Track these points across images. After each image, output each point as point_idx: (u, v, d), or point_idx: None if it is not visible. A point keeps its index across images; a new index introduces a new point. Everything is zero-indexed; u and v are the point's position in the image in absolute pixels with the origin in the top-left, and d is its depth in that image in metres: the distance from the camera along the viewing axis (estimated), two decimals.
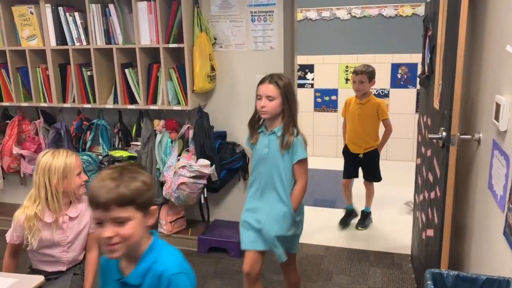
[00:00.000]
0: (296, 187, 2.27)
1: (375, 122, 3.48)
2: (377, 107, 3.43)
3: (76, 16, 3.19)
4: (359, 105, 3.47)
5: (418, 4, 5.03)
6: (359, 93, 3.46)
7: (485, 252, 1.80)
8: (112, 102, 3.32)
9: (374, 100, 3.47)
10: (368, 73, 3.40)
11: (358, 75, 3.41)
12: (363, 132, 3.47)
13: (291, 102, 2.21)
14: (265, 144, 2.25)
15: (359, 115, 3.45)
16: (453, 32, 1.90)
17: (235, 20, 3.14)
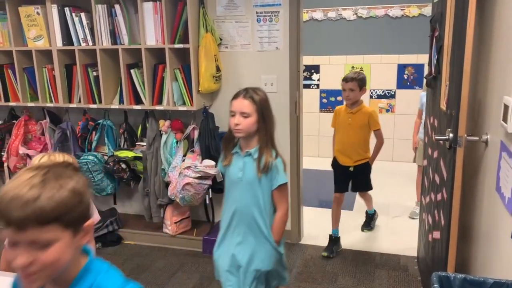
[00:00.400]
0: (277, 216, 2.05)
1: (366, 133, 3.24)
2: (368, 117, 3.18)
3: (82, 17, 3.20)
4: (349, 114, 3.22)
5: (425, 5, 5.00)
6: (349, 101, 3.20)
7: (492, 255, 1.77)
8: (117, 103, 3.32)
9: (366, 109, 3.23)
10: (359, 80, 3.15)
11: (348, 83, 3.15)
12: (354, 143, 3.24)
13: (268, 119, 2.00)
14: (239, 167, 2.02)
15: (350, 125, 3.21)
16: (460, 32, 1.88)
17: (240, 20, 3.13)
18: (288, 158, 3.26)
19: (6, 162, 3.59)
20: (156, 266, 3.13)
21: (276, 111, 3.16)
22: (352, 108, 3.21)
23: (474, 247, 2.09)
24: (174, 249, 3.34)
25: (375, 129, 3.23)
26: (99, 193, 3.43)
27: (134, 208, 3.75)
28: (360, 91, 3.17)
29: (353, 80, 3.14)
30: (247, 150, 2.02)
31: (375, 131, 3.26)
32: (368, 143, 3.29)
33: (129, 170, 3.34)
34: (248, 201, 2.01)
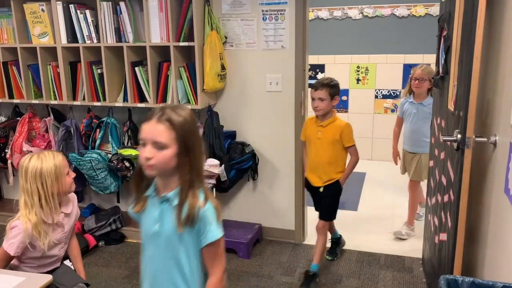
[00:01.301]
0: (209, 284, 1.48)
1: (339, 150, 2.79)
2: (341, 132, 2.74)
3: (87, 14, 3.19)
4: (319, 127, 2.79)
5: (431, 4, 4.96)
6: (319, 112, 2.76)
7: (500, 258, 1.75)
8: (122, 100, 3.31)
9: (339, 122, 2.78)
10: (330, 88, 2.72)
11: (316, 91, 2.72)
12: (324, 162, 2.80)
13: (193, 150, 1.43)
14: (154, 218, 1.48)
15: (320, 140, 2.78)
16: (469, 32, 1.85)
17: (246, 18, 3.11)
18: (293, 158, 3.24)
19: (10, 159, 3.58)
20: None
21: (281, 111, 3.20)
22: (323, 121, 2.78)
23: (481, 249, 2.06)
24: None
25: (348, 145, 2.78)
26: (102, 191, 3.41)
27: None
28: (332, 100, 2.73)
29: (323, 88, 2.71)
30: (164, 193, 1.46)
31: (348, 148, 2.79)
32: (343, 162, 2.85)
33: (133, 169, 3.32)
34: (168, 264, 1.49)
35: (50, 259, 2.10)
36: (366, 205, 3.94)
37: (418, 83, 3.28)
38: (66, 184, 2.03)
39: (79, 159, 3.25)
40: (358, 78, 5.41)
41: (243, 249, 3.13)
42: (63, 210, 2.08)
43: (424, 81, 3.26)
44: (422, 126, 3.31)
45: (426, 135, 3.23)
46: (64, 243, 2.14)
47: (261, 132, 3.27)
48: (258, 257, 3.17)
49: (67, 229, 2.12)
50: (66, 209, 2.10)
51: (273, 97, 3.18)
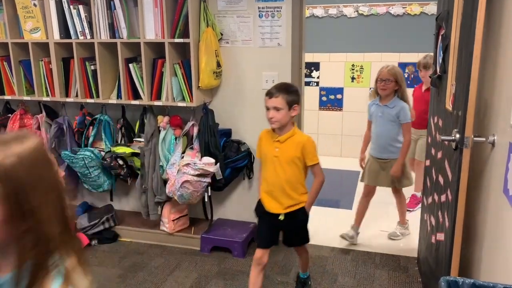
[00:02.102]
0: None
1: (299, 169, 2.38)
2: (301, 148, 2.33)
3: (80, 9, 3.13)
4: (276, 143, 2.36)
5: (426, 3, 4.96)
6: (274, 124, 2.32)
7: (499, 258, 1.74)
8: (115, 97, 3.26)
9: (299, 137, 2.36)
10: (288, 94, 2.28)
11: (271, 98, 2.28)
12: (284, 183, 2.37)
13: (37, 209, 0.91)
14: None
15: (277, 157, 2.36)
16: (469, 31, 1.84)
17: (242, 15, 3.08)
18: None
19: None
20: (153, 264, 3.08)
21: None
22: (280, 135, 2.35)
23: (477, 249, 2.05)
24: (172, 247, 3.29)
25: (311, 164, 2.37)
26: (95, 189, 3.37)
27: (130, 205, 3.70)
28: (290, 110, 2.28)
29: (279, 94, 2.26)
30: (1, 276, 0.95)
31: (311, 167, 2.40)
32: (304, 182, 2.45)
33: (126, 167, 3.28)
34: None
35: None
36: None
37: (384, 85, 3.10)
38: None
39: (71, 157, 3.21)
40: (353, 77, 5.40)
41: (238, 248, 3.11)
42: None
43: (390, 82, 3.09)
44: (389, 130, 3.16)
45: (394, 139, 3.17)
46: None
47: (256, 130, 3.21)
48: (252, 256, 3.13)
49: None
50: None
51: None
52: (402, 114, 3.10)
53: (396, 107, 3.11)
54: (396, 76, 3.09)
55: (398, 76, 3.10)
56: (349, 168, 4.99)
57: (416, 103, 3.81)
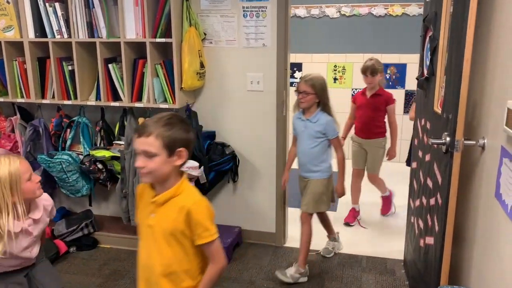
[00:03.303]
0: None
1: (187, 248, 1.60)
2: (185, 216, 1.55)
3: (56, 7, 3.01)
4: (152, 205, 1.60)
5: (408, 4, 4.98)
6: (146, 178, 1.57)
7: (490, 262, 1.72)
8: (94, 99, 3.15)
9: (184, 198, 1.57)
10: (169, 131, 1.51)
11: (140, 138, 1.51)
12: (158, 270, 1.63)
13: None
14: None
15: (151, 227, 1.62)
16: (459, 34, 1.81)
17: (226, 15, 3.00)
18: (274, 159, 3.16)
19: None
20: (135, 272, 2.96)
21: (262, 111, 3.11)
22: (158, 193, 1.59)
23: (467, 252, 2.04)
24: None
25: (200, 242, 1.57)
26: (73, 194, 3.24)
27: (110, 209, 3.58)
28: (172, 156, 1.51)
29: (152, 131, 1.49)
30: None
31: (202, 247, 1.58)
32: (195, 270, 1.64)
33: (106, 171, 3.17)
34: None
35: (20, 260, 1.97)
36: (345, 206, 3.90)
37: (301, 97, 2.72)
38: (28, 190, 1.87)
39: (48, 161, 3.07)
40: (335, 77, 5.39)
41: None
42: (31, 216, 1.93)
43: (307, 95, 2.70)
44: (310, 147, 2.79)
45: (316, 157, 2.78)
46: (32, 246, 2.00)
47: (241, 133, 3.18)
48: (238, 262, 3.08)
49: (36, 233, 1.98)
50: (34, 214, 1.95)
51: (254, 96, 3.09)
52: (328, 129, 2.73)
53: (320, 121, 2.73)
54: (315, 87, 2.70)
55: (317, 88, 2.70)
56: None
57: (360, 111, 3.60)
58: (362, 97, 3.61)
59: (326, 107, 2.77)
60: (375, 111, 3.54)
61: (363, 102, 3.58)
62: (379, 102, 3.52)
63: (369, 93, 3.56)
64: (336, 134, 2.80)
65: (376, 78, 3.49)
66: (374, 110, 3.54)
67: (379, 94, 3.53)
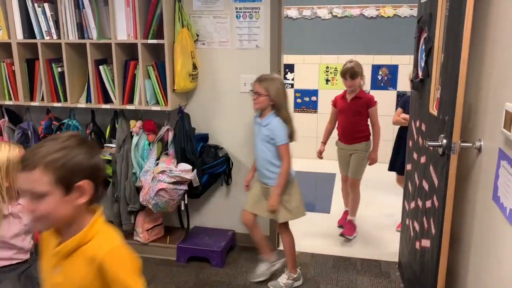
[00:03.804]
0: None
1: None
2: (96, 270, 1.18)
3: (45, 7, 2.95)
4: (55, 257, 1.24)
5: (399, 5, 4.99)
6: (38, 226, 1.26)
7: (488, 264, 1.71)
8: (84, 101, 3.09)
9: (94, 246, 1.20)
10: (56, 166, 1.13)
11: (23, 172, 1.15)
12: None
13: None
14: None
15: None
16: (456, 35, 1.80)
17: (219, 16, 2.97)
18: None
19: None
20: None
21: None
22: (62, 240, 1.23)
23: (464, 256, 2.03)
24: (146, 258, 3.14)
25: None
26: None
27: None
28: (69, 194, 1.16)
29: (35, 165, 1.12)
30: None
31: None
32: None
33: None
34: None
35: (13, 250, 1.95)
36: (338, 207, 3.89)
37: (254, 98, 2.59)
38: None
39: None
40: (327, 79, 5.38)
41: (217, 258, 3.00)
42: (21, 202, 1.92)
43: (260, 96, 2.54)
44: (263, 151, 2.63)
45: (269, 162, 2.61)
46: (25, 235, 1.99)
47: (235, 135, 3.14)
48: (232, 266, 3.05)
49: (25, 221, 1.96)
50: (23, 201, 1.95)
51: (247, 98, 3.03)
52: (275, 134, 2.55)
53: (269, 125, 2.56)
54: (269, 89, 2.53)
55: (271, 89, 2.53)
56: (325, 170, 4.96)
57: (341, 116, 3.45)
58: (343, 101, 3.44)
59: (280, 111, 2.56)
60: (357, 115, 3.38)
61: (344, 106, 3.42)
62: (360, 105, 3.36)
63: (349, 97, 3.40)
64: (284, 141, 2.55)
65: (356, 81, 3.32)
66: (355, 114, 3.38)
67: (359, 97, 3.37)
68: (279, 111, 2.57)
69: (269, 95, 2.54)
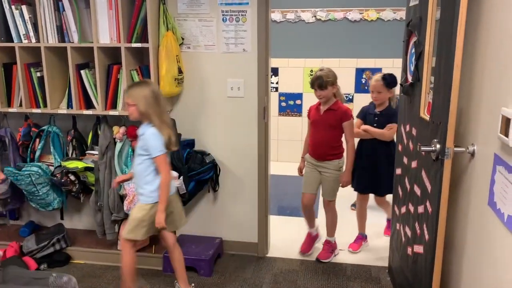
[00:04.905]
0: None
1: None
2: None
3: (23, 10, 2.83)
4: None
5: (383, 9, 5.01)
6: None
7: (485, 274, 1.69)
8: (65, 107, 2.99)
9: None
10: None
11: None
12: None
13: None
14: None
15: None
16: (449, 40, 1.78)
17: (204, 19, 2.91)
18: (256, 167, 3.08)
19: None
20: None
21: (243, 118, 3.02)
22: None
23: (457, 262, 2.01)
24: None
25: None
26: (44, 208, 3.06)
27: (83, 223, 3.40)
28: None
29: None
30: None
31: None
32: None
33: (79, 183, 3.00)
34: None
35: None
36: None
37: (126, 108, 2.52)
38: None
39: (16, 174, 2.88)
40: None
41: (204, 267, 2.92)
42: None
43: (130, 106, 2.38)
44: (136, 164, 2.45)
45: (140, 177, 2.43)
46: None
47: (222, 140, 3.08)
48: (220, 274, 2.97)
49: None
50: None
51: (234, 103, 3.00)
52: (148, 145, 2.36)
53: (143, 135, 2.38)
54: (135, 98, 2.36)
55: (137, 98, 2.35)
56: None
57: (313, 128, 3.10)
58: (316, 113, 3.08)
59: (152, 120, 2.36)
60: (329, 129, 3.00)
61: (316, 118, 3.06)
62: (333, 118, 2.98)
63: (323, 108, 3.03)
64: (159, 152, 2.33)
65: (326, 91, 2.94)
66: (328, 128, 3.00)
67: (333, 109, 2.98)
68: (151, 120, 2.37)
69: (137, 105, 2.35)
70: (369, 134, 3.15)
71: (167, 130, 2.38)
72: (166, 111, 2.47)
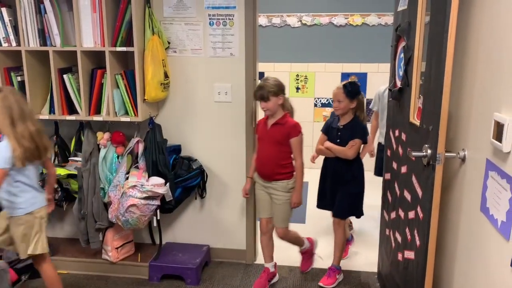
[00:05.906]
0: None
1: None
2: None
3: (3, 12, 2.75)
4: None
5: (368, 14, 5.04)
6: None
7: (478, 280, 1.67)
8: (47, 112, 2.90)
9: None
10: None
11: None
12: None
13: None
14: None
15: None
16: (440, 45, 1.78)
17: (191, 23, 2.86)
18: (243, 173, 3.03)
19: None
20: None
21: (230, 123, 2.98)
22: None
23: (449, 267, 2.00)
24: (116, 277, 2.96)
25: None
26: None
27: (66, 231, 3.31)
28: None
29: None
30: None
31: None
32: None
33: (61, 190, 2.92)
34: None
35: None
36: (313, 216, 3.84)
37: None
38: None
39: None
40: (297, 87, 5.36)
41: (192, 275, 2.86)
42: None
43: None
44: None
45: None
46: None
47: (209, 146, 3.03)
48: (208, 283, 2.91)
49: None
50: None
51: (222, 108, 2.95)
52: None
53: None
54: None
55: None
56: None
57: (260, 144, 2.78)
58: (263, 127, 2.74)
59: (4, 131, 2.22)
60: (277, 145, 2.68)
61: (263, 133, 2.73)
62: (279, 134, 2.66)
63: (269, 122, 2.71)
64: (1, 166, 2.17)
65: (271, 103, 2.61)
66: (275, 144, 2.68)
67: (280, 123, 2.67)
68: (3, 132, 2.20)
69: None
70: (331, 152, 2.83)
71: (20, 140, 2.18)
72: (28, 121, 2.23)
